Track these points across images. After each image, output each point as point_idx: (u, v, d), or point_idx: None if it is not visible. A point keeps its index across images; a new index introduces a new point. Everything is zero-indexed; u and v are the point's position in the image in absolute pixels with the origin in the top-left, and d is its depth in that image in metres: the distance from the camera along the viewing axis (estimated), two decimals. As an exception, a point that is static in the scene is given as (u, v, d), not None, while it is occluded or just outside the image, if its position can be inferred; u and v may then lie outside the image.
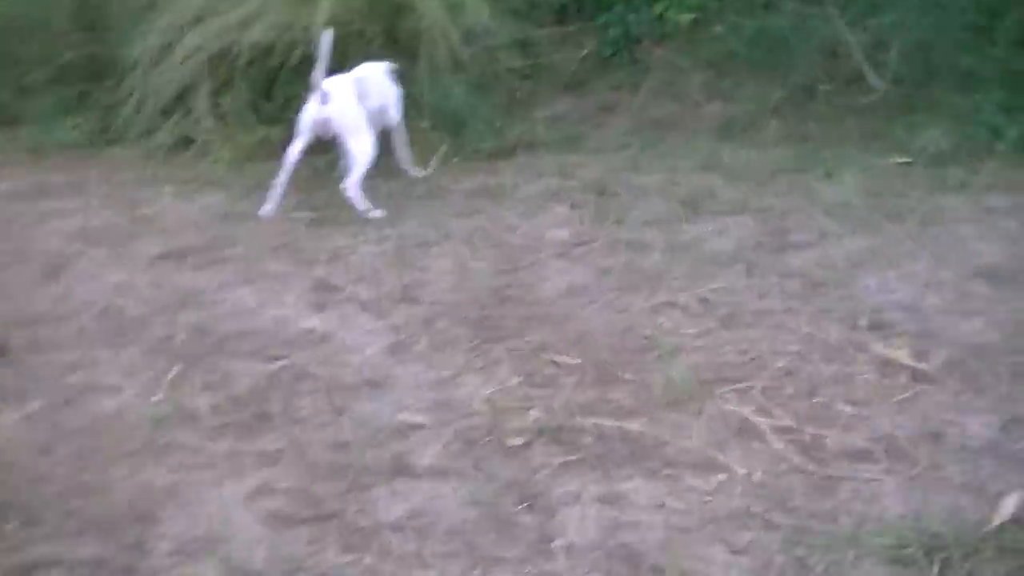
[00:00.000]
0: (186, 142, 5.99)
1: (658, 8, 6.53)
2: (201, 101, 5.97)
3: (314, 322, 4.06)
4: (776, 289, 4.21)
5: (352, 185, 4.94)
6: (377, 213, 4.96)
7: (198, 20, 6.04)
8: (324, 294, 4.28)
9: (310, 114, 5.01)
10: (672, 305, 4.12)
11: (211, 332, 4.00)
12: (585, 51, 6.46)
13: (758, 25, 6.40)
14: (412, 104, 5.66)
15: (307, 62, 5.70)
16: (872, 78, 6.16)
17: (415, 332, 3.95)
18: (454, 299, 4.20)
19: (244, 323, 4.06)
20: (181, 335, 3.99)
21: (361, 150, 4.96)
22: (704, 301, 4.13)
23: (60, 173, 5.85)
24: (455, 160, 5.75)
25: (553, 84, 6.40)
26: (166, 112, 6.06)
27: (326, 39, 4.90)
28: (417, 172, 5.53)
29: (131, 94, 6.14)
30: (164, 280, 4.45)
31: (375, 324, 4.03)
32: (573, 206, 5.14)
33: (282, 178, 5.05)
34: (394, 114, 5.39)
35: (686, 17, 6.41)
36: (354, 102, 5.02)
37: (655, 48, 6.51)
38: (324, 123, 4.99)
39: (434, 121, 5.87)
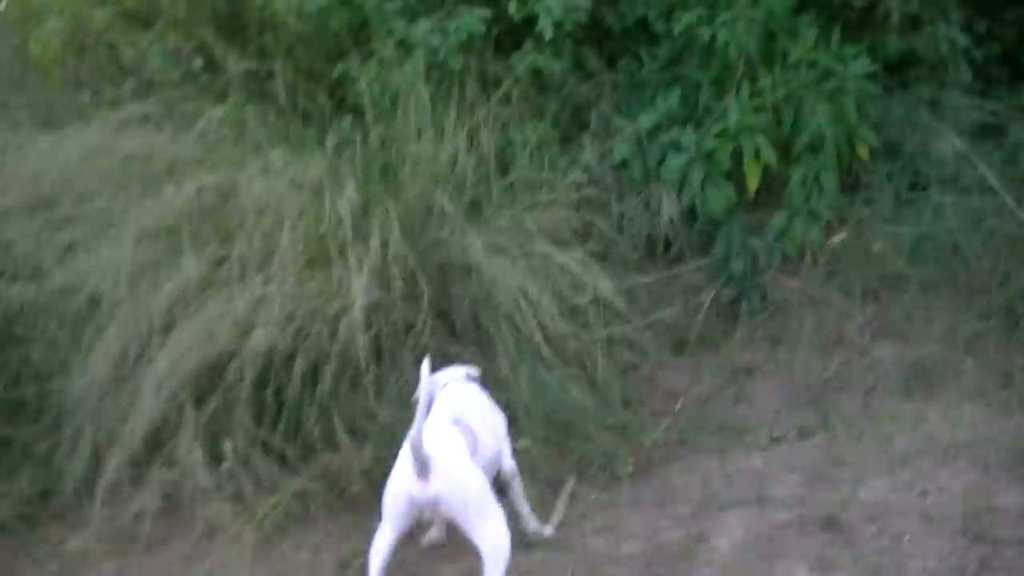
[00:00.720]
0: (175, 505, 4.01)
1: (776, 224, 4.84)
2: (188, 447, 4.02)
3: None
4: None
5: (493, 600, 3.06)
6: (541, 639, 3.09)
7: (168, 327, 4.14)
8: None
9: (404, 491, 3.16)
10: None
11: None
12: (703, 297, 4.72)
13: (917, 231, 4.77)
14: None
15: (346, 368, 3.93)
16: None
17: None
18: None
19: None
20: None
21: (494, 540, 3.15)
22: None
23: (-12, 591, 3.82)
24: (591, 498, 3.90)
25: (669, 347, 4.66)
26: (137, 464, 4.08)
27: (427, 375, 3.09)
28: (543, 529, 3.68)
29: (76, 443, 4.17)
30: None
31: None
32: (815, 565, 3.35)
33: (370, 597, 3.16)
34: (507, 454, 3.57)
35: (836, 238, 4.75)
36: (470, 466, 3.19)
37: (786, 280, 4.82)
38: (431, 505, 3.12)
39: (534, 436, 4.05)
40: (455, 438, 3.23)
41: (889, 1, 4.93)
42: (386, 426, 4.07)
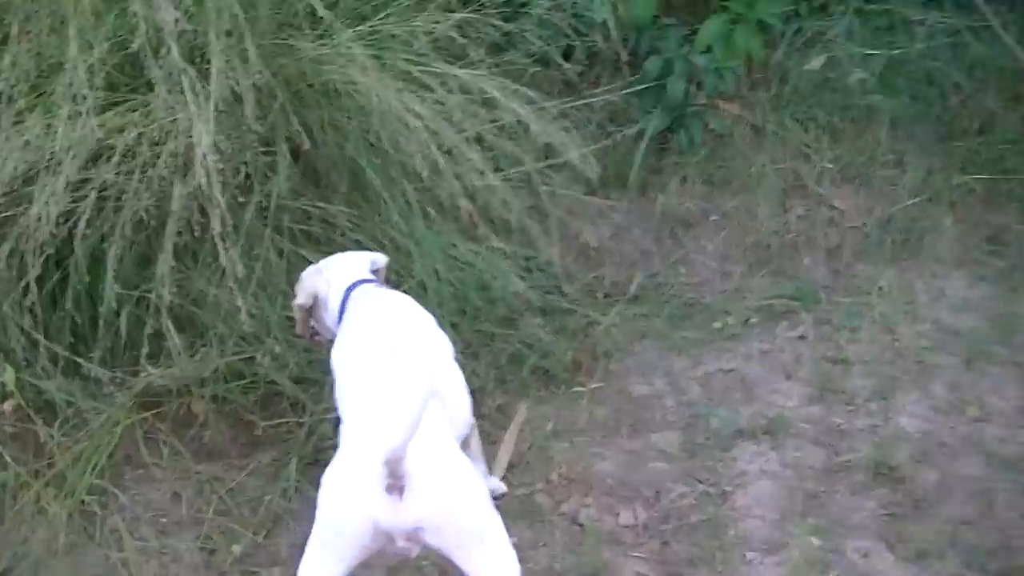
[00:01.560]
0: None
1: (714, 31, 3.75)
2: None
3: None
4: None
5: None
6: None
7: None
8: None
9: (364, 517, 1.93)
10: None
11: None
12: (629, 128, 3.62)
13: (885, 55, 3.82)
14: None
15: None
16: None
17: None
18: None
19: None
20: None
21: (499, 571, 1.98)
22: None
23: None
24: (548, 427, 2.82)
25: (582, 192, 3.53)
26: None
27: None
28: (497, 486, 2.59)
29: None
30: None
31: None
32: (895, 542, 2.46)
33: None
34: (464, 395, 2.38)
35: (816, 61, 3.73)
36: (465, 470, 2.06)
37: (728, 106, 3.79)
38: (407, 535, 1.93)
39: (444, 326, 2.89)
40: (432, 420, 1.99)
41: None
42: (231, 318, 2.83)
